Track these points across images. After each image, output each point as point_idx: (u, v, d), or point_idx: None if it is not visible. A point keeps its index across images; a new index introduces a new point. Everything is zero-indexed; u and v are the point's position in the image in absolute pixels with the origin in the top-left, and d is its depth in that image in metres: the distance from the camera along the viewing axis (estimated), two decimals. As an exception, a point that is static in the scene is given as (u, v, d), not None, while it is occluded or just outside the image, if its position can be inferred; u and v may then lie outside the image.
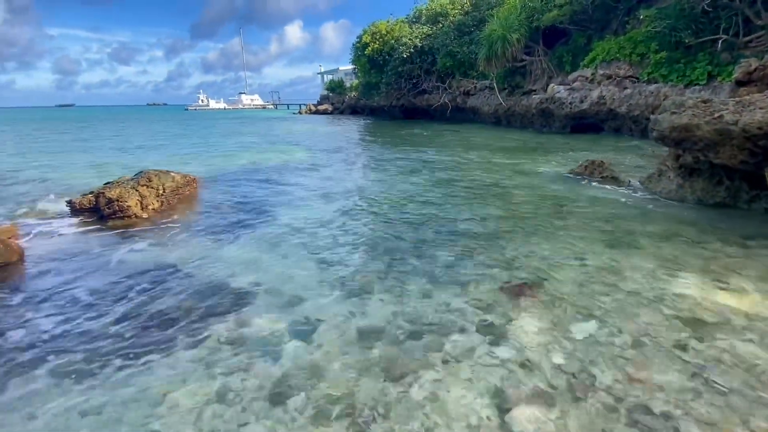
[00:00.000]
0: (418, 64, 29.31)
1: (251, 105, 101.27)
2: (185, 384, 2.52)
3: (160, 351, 2.87)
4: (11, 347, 2.89)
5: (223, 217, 6.09)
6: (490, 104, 23.55)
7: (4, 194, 7.89)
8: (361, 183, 8.52)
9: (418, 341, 2.84)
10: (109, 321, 3.23)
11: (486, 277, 3.80)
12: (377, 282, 3.80)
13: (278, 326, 3.14)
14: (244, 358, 2.78)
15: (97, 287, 3.79)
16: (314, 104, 56.50)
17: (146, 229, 5.39)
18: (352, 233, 5.22)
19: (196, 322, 3.24)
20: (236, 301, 3.57)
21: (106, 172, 10.26)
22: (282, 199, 7.22)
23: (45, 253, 4.57)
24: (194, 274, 4.09)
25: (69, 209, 5.87)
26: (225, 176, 9.54)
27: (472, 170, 9.49)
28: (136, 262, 4.35)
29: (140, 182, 6.13)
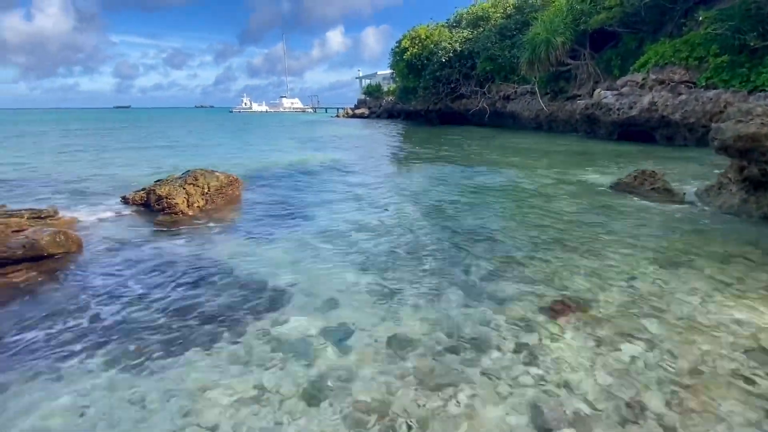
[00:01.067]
0: (457, 68, 29.04)
1: (291, 108, 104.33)
2: (223, 379, 2.59)
3: (201, 345, 2.98)
4: (66, 332, 3.10)
5: (263, 216, 6.28)
6: (531, 109, 22.91)
7: (66, 188, 8.55)
8: (397, 187, 8.52)
9: (455, 354, 2.77)
10: (155, 312, 3.40)
11: (525, 291, 3.66)
12: (412, 290, 3.77)
13: (313, 328, 3.18)
14: (280, 357, 2.83)
15: (145, 279, 4.01)
16: (351, 108, 57.39)
17: (191, 226, 5.65)
18: (388, 238, 5.22)
19: (235, 318, 3.34)
20: (273, 300, 3.65)
21: (157, 169, 10.90)
22: (319, 201, 7.34)
23: (100, 244, 4.89)
24: (234, 271, 4.23)
25: (123, 204, 6.26)
26: (265, 177, 9.85)
27: (512, 177, 9.25)
28: (181, 257, 4.56)
29: (187, 181, 6.44)
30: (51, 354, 2.83)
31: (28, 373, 2.64)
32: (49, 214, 5.00)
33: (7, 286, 3.67)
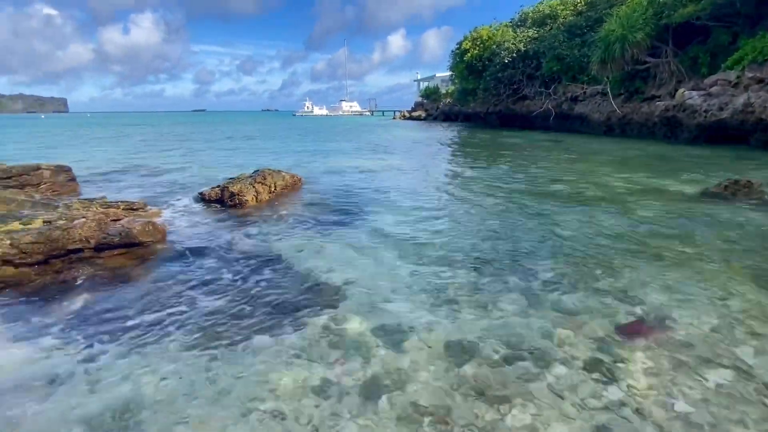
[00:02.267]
0: (520, 69, 27.99)
1: (350, 111, 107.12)
2: (287, 369, 2.74)
3: (267, 333, 3.17)
4: (152, 312, 3.45)
5: (323, 215, 6.52)
6: (602, 111, 21.42)
7: (149, 183, 9.55)
8: (455, 190, 8.41)
9: (515, 366, 2.68)
10: (227, 299, 3.67)
11: (595, 305, 3.43)
12: (469, 295, 3.70)
13: (369, 328, 3.24)
14: (338, 353, 2.92)
15: (218, 268, 4.34)
16: (408, 111, 57.60)
17: (259, 221, 6.03)
18: (444, 241, 5.17)
19: (297, 310, 3.50)
20: (332, 296, 3.78)
21: (229, 168, 11.77)
22: (376, 202, 7.47)
23: (181, 235, 5.39)
24: (297, 266, 4.44)
25: (200, 199, 6.84)
26: (325, 177, 10.21)
27: (580, 182, 8.71)
28: (250, 250, 4.88)
29: (256, 179, 6.87)
30: (140, 331, 3.17)
31: (122, 347, 2.98)
32: (139, 206, 5.61)
33: (107, 268, 4.18)
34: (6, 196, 5.18)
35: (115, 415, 2.34)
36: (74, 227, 4.23)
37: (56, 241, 4.07)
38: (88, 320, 3.31)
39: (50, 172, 7.55)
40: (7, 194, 5.30)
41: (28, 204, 5.06)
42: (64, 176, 7.78)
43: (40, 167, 7.49)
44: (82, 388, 2.56)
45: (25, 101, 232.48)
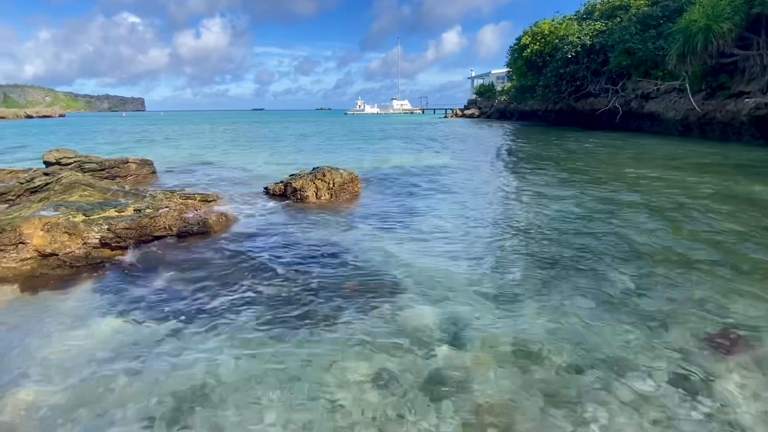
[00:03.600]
0: (585, 64, 26.38)
1: (400, 110, 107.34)
2: (350, 358, 2.82)
3: (328, 323, 3.28)
4: (225, 294, 3.71)
5: (379, 211, 6.62)
6: (678, 109, 19.59)
7: (218, 176, 10.25)
8: (514, 190, 8.15)
9: (589, 374, 2.56)
10: (291, 288, 3.85)
11: (677, 315, 3.18)
12: (534, 296, 3.58)
13: (430, 323, 3.25)
14: (399, 346, 2.96)
15: (283, 258, 4.56)
16: (461, 109, 56.57)
17: (320, 216, 6.26)
18: (504, 242, 5.04)
19: (357, 301, 3.59)
20: (391, 289, 3.83)
21: (289, 164, 12.33)
22: (432, 199, 7.45)
23: (249, 225, 5.74)
24: (356, 259, 4.56)
25: (265, 193, 7.23)
26: (380, 175, 10.35)
27: (655, 187, 8.06)
28: (312, 242, 5.08)
29: (317, 176, 7.13)
30: (215, 313, 3.42)
31: (200, 326, 3.24)
32: (212, 198, 6.04)
33: (186, 253, 4.56)
34: (103, 185, 5.82)
35: (196, 388, 2.56)
36: (160, 216, 4.66)
37: (145, 228, 4.51)
38: (170, 300, 3.64)
39: (136, 165, 8.36)
40: (104, 184, 5.96)
41: (121, 193, 5.65)
42: (147, 169, 8.58)
43: (128, 161, 8.32)
44: (167, 360, 2.83)
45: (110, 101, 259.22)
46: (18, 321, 3.28)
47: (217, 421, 2.28)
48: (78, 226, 4.30)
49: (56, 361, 2.78)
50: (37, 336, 3.07)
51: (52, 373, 2.65)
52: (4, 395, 2.44)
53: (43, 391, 2.49)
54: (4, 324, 3.24)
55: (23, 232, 4.01)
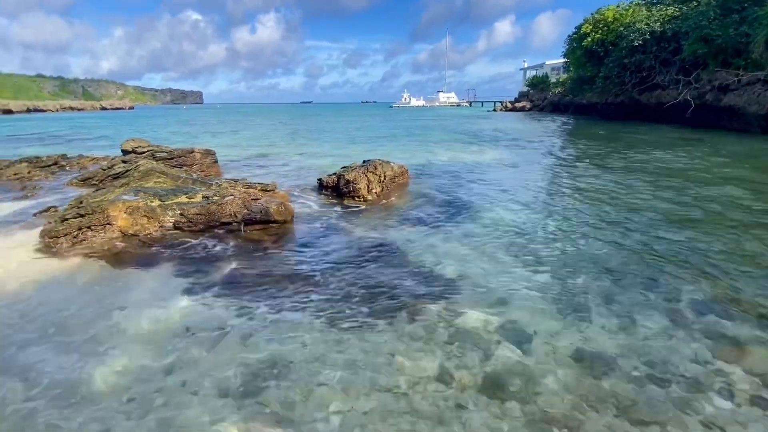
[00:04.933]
0: (653, 53, 24.39)
1: (447, 102, 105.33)
2: (409, 353, 2.86)
3: (386, 316, 3.33)
4: (286, 282, 3.88)
5: (429, 206, 6.59)
6: (762, 103, 17.59)
7: (274, 166, 10.68)
8: (572, 190, 7.76)
9: (663, 389, 2.41)
10: (348, 280, 3.94)
11: (762, 336, 2.90)
12: (599, 305, 3.41)
13: (487, 324, 3.20)
14: (457, 345, 2.95)
15: (338, 250, 4.68)
16: (511, 101, 54.50)
17: (370, 209, 6.35)
18: (565, 245, 4.83)
19: (413, 298, 3.61)
20: (445, 288, 3.82)
21: (341, 156, 12.58)
22: (483, 196, 7.29)
23: (305, 216, 5.95)
24: (409, 256, 4.58)
25: (319, 185, 7.43)
26: (429, 169, 10.27)
27: (735, 192, 7.33)
28: (365, 235, 5.17)
29: (368, 169, 7.21)
30: (279, 298, 3.60)
31: (267, 309, 3.42)
32: (271, 188, 6.31)
33: (250, 240, 4.81)
34: (174, 173, 6.26)
35: (266, 366, 2.71)
36: (226, 203, 4.94)
37: (213, 214, 4.81)
38: (238, 283, 3.87)
39: (200, 154, 8.91)
40: (175, 172, 6.41)
41: (190, 181, 6.06)
42: (210, 159, 9.11)
43: (194, 150, 8.88)
44: (238, 338, 3.02)
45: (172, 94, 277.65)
46: (108, 294, 3.64)
47: (287, 398, 2.42)
48: (155, 210, 4.67)
49: (141, 333, 3.06)
50: (124, 309, 3.40)
51: (139, 344, 2.93)
52: (99, 363, 2.73)
53: (132, 360, 2.76)
54: (96, 296, 3.61)
55: (110, 214, 4.43)
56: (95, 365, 2.69)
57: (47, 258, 4.29)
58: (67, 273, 4.02)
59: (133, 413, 2.29)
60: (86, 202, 4.67)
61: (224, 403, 2.38)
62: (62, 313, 3.32)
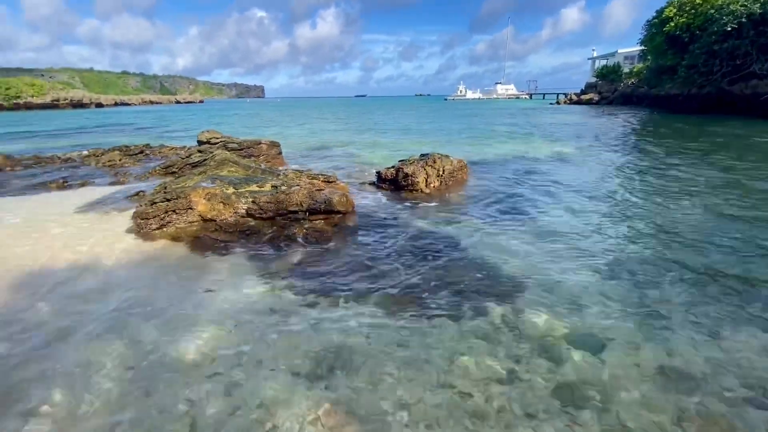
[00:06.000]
0: (749, 38, 21.56)
1: (505, 95, 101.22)
2: (472, 353, 2.80)
3: (447, 313, 3.30)
4: (347, 271, 3.97)
5: (489, 202, 6.40)
6: None
7: (334, 158, 10.96)
8: (647, 190, 7.14)
9: (764, 411, 2.16)
10: (409, 274, 3.94)
11: None
12: (684, 316, 3.12)
13: (557, 328, 3.06)
14: (523, 348, 2.85)
15: (398, 243, 4.69)
16: (576, 93, 51.12)
17: (429, 203, 6.31)
18: (643, 244, 4.47)
19: (476, 297, 3.54)
20: (509, 288, 3.69)
21: (397, 149, 12.64)
22: (546, 193, 6.94)
23: (365, 208, 6.05)
24: (469, 252, 4.48)
25: (377, 177, 7.51)
26: (488, 164, 9.97)
27: None
28: (425, 229, 5.14)
29: (427, 162, 7.15)
30: (342, 287, 3.70)
31: (331, 297, 3.53)
32: (333, 180, 6.49)
33: (314, 229, 4.99)
34: (245, 163, 6.65)
35: (332, 354, 2.80)
36: (293, 193, 5.16)
37: (281, 203, 5.05)
38: (304, 270, 4.04)
39: (266, 146, 9.37)
40: (245, 162, 6.80)
41: (259, 171, 6.40)
42: (275, 150, 9.56)
43: (261, 142, 9.36)
44: (306, 324, 3.15)
45: (237, 89, 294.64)
46: (190, 274, 3.97)
47: (353, 386, 2.49)
48: (230, 197, 4.99)
49: (220, 312, 3.30)
50: (204, 289, 3.68)
51: (218, 323, 3.16)
52: (186, 337, 2.99)
53: (213, 337, 2.99)
54: (180, 276, 3.95)
55: (192, 199, 4.81)
56: (183, 339, 2.95)
57: (138, 238, 4.77)
58: (154, 252, 4.44)
59: (216, 386, 2.49)
60: (170, 187, 5.11)
61: (296, 384, 2.50)
62: (152, 290, 3.68)
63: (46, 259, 4.26)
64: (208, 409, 2.31)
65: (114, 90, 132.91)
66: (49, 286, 3.72)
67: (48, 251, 4.46)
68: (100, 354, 2.79)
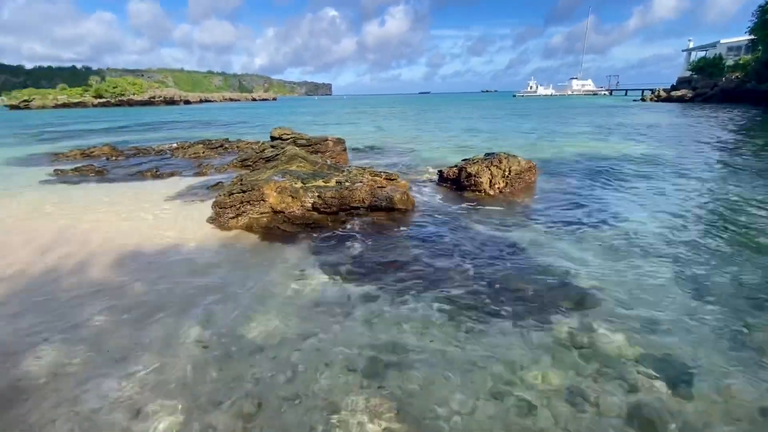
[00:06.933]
0: None
1: (581, 91, 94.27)
2: (536, 365, 2.66)
3: (510, 321, 3.16)
4: (406, 272, 3.96)
5: (559, 207, 6.02)
6: None
7: (395, 155, 11.02)
8: (743, 204, 6.24)
9: None
10: (469, 278, 3.85)
11: None
12: (794, 350, 2.68)
13: (632, 349, 2.79)
14: (593, 366, 2.64)
15: (459, 246, 4.59)
16: (665, 89, 46.01)
17: (493, 206, 6.09)
18: (736, 267, 3.92)
19: (541, 307, 3.35)
20: (580, 301, 3.45)
21: (460, 148, 12.39)
22: (624, 200, 6.35)
23: (425, 207, 6.01)
24: (535, 259, 4.26)
25: (438, 176, 7.42)
26: (559, 166, 9.38)
27: None
28: (487, 232, 4.98)
29: (492, 162, 6.90)
30: (400, 285, 3.70)
31: (389, 294, 3.56)
32: (394, 177, 6.52)
33: (375, 225, 5.08)
34: (312, 159, 6.94)
35: (387, 351, 2.83)
36: (356, 189, 5.28)
37: (345, 199, 5.19)
38: (364, 266, 4.12)
39: (332, 142, 9.69)
40: (312, 158, 7.10)
41: (325, 167, 6.64)
42: (341, 147, 9.85)
43: (327, 138, 9.71)
44: (364, 319, 3.21)
45: (307, 86, 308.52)
46: (260, 262, 4.24)
47: (407, 386, 2.49)
48: (298, 191, 5.24)
49: (285, 300, 3.49)
50: (271, 278, 3.91)
51: (282, 310, 3.34)
52: (253, 320, 3.20)
53: (278, 322, 3.17)
54: (251, 263, 4.24)
55: (264, 191, 5.12)
56: (251, 322, 3.16)
57: (216, 226, 5.20)
58: (230, 239, 4.81)
59: (279, 370, 2.64)
60: (246, 180, 5.49)
61: (351, 378, 2.56)
62: (227, 274, 3.99)
63: (140, 240, 4.82)
64: (271, 390, 2.46)
65: (200, 88, 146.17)
66: (142, 265, 4.20)
67: (142, 234, 5.04)
68: (181, 329, 3.09)
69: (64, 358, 2.80)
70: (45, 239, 4.92)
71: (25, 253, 4.50)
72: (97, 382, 2.56)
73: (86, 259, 4.36)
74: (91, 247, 4.64)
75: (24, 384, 2.57)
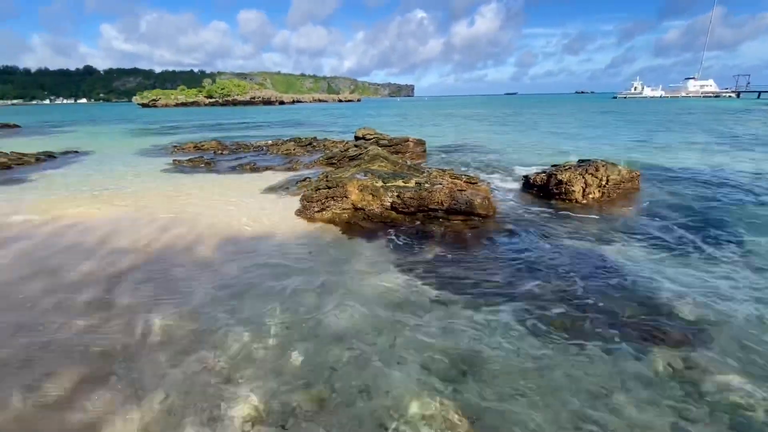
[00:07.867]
0: None
1: (699, 92, 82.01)
2: (630, 398, 2.39)
3: (599, 344, 2.88)
4: (483, 279, 3.82)
5: (665, 223, 5.32)
6: None
7: (477, 158, 10.69)
8: None
9: None
10: (553, 293, 3.58)
11: None
12: None
13: (751, 396, 2.38)
14: (700, 410, 2.31)
15: (545, 259, 4.31)
16: (817, 91, 37.76)
17: (585, 216, 5.59)
18: None
19: (637, 333, 3.01)
20: (683, 331, 3.02)
21: (549, 153, 11.61)
22: (744, 219, 5.40)
23: (508, 214, 5.74)
24: (631, 279, 3.82)
25: (525, 182, 7.03)
26: (667, 176, 8.29)
27: None
28: (578, 247, 4.59)
29: (587, 170, 6.35)
30: (476, 292, 3.59)
31: (465, 301, 3.47)
32: (475, 181, 6.34)
33: (452, 229, 4.99)
34: (393, 159, 7.05)
35: (463, 357, 2.76)
36: (435, 191, 5.24)
37: (423, 200, 5.19)
38: (440, 269, 4.07)
39: (413, 143, 9.76)
40: (393, 158, 7.21)
41: (405, 167, 6.70)
42: (421, 148, 9.88)
43: (408, 139, 9.79)
44: (438, 323, 3.16)
45: (390, 88, 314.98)
46: (341, 256, 4.44)
47: (483, 398, 2.41)
48: (379, 189, 5.37)
49: (363, 294, 3.60)
50: (350, 271, 4.06)
51: (360, 303, 3.45)
52: (334, 311, 3.35)
53: (356, 315, 3.28)
54: (332, 256, 4.44)
55: (347, 188, 5.34)
56: (330, 312, 3.32)
57: (302, 218, 5.55)
58: (314, 231, 5.11)
59: (352, 360, 2.73)
60: (331, 177, 5.78)
61: (425, 379, 2.55)
62: (310, 264, 4.24)
63: (239, 226, 5.34)
64: (343, 380, 2.56)
65: (293, 89, 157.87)
66: (239, 248, 4.65)
67: (240, 221, 5.59)
68: (267, 310, 3.36)
69: (172, 324, 3.21)
70: (163, 220, 5.71)
71: (148, 231, 5.27)
72: (195, 348, 2.90)
73: (195, 239, 4.96)
74: (199, 229, 5.27)
75: (143, 341, 3.01)
